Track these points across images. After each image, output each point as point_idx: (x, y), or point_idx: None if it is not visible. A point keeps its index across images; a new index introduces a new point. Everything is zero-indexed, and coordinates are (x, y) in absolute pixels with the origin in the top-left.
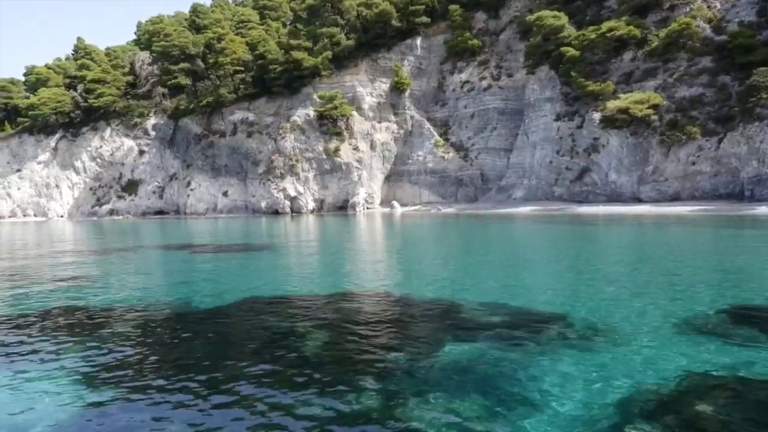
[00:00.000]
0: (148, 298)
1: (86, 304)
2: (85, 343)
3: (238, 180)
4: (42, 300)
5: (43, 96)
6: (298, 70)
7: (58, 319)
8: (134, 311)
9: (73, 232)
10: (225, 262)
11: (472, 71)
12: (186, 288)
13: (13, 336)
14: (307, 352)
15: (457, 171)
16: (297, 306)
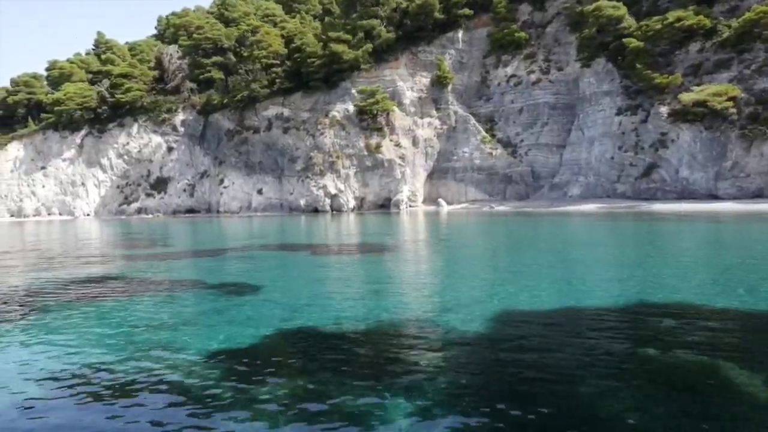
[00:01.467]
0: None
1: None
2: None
3: (273, 177)
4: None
5: (68, 91)
6: (337, 64)
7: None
8: (333, 335)
9: (113, 233)
10: (372, 266)
11: (518, 65)
12: (406, 298)
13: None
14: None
15: (506, 168)
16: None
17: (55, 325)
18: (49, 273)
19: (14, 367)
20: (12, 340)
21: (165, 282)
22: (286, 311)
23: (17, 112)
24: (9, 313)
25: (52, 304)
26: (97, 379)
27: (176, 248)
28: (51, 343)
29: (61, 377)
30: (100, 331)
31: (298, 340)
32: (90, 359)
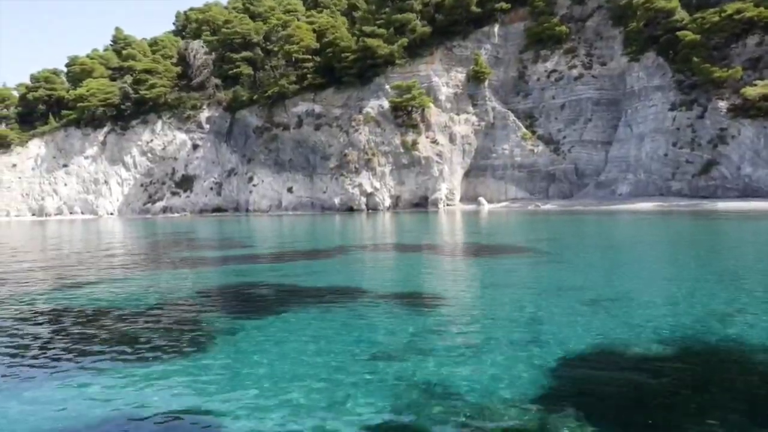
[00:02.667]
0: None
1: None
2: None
3: (304, 175)
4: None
5: (91, 87)
6: (371, 59)
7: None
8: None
9: (168, 234)
10: (552, 271)
11: (558, 60)
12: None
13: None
14: None
15: (548, 165)
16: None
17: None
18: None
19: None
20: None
21: (355, 291)
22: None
23: (37, 109)
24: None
25: (278, 313)
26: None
27: (281, 248)
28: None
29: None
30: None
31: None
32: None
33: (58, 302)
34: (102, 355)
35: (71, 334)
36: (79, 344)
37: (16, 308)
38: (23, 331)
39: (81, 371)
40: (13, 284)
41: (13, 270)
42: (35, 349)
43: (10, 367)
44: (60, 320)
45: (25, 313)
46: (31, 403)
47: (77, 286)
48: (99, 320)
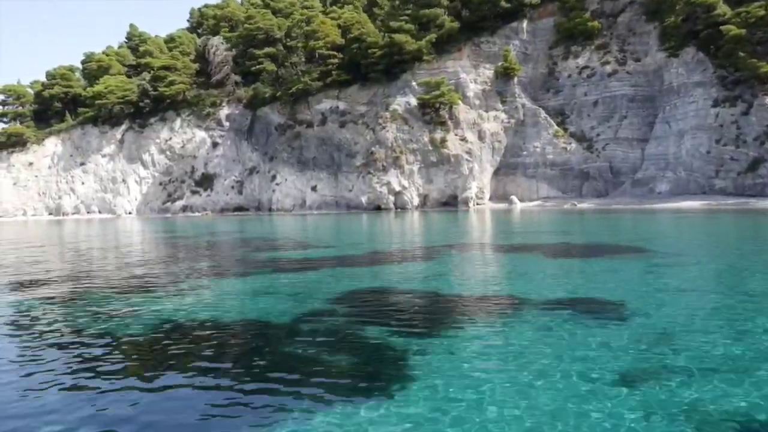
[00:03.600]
0: None
1: None
2: None
3: (328, 174)
4: None
5: (109, 84)
6: (398, 55)
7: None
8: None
9: (211, 233)
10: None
11: (590, 56)
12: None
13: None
14: None
15: (582, 163)
16: None
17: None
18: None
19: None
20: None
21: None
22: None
23: (53, 106)
24: None
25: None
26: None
27: (367, 249)
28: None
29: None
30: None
31: None
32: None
33: (194, 316)
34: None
35: (227, 350)
36: (234, 368)
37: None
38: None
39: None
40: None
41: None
42: (229, 384)
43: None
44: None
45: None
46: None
47: (181, 294)
48: (253, 336)
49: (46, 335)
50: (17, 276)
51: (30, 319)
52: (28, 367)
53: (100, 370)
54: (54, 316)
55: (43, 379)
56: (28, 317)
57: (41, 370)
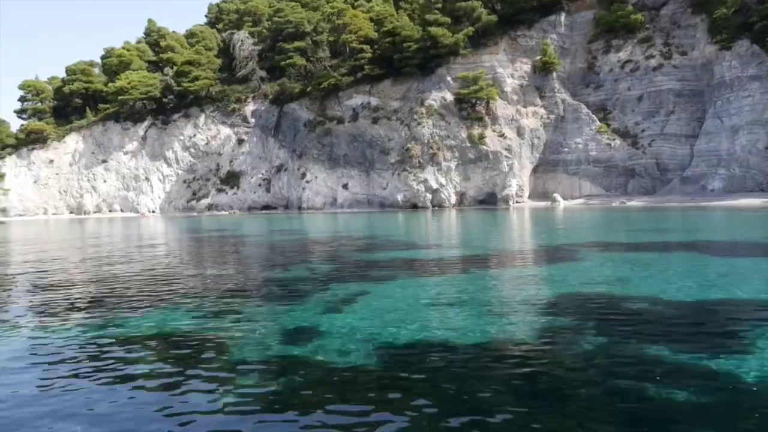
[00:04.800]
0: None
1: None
2: None
3: (360, 171)
4: None
5: (131, 79)
6: (434, 49)
7: None
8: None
9: (274, 234)
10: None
11: (633, 49)
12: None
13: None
14: None
15: (626, 160)
16: None
17: None
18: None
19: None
20: None
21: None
22: None
23: (73, 102)
24: None
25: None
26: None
27: (476, 250)
28: None
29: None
30: None
31: None
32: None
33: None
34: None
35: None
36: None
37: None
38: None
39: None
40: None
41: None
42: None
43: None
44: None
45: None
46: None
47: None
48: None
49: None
50: (46, 279)
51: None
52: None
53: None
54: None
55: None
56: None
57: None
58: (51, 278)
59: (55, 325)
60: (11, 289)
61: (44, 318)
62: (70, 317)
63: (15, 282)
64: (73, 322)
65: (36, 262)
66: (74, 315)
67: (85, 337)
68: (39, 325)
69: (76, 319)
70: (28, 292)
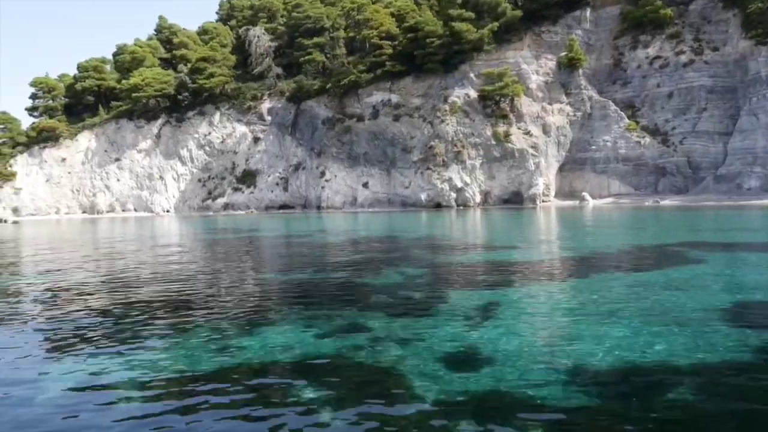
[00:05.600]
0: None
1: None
2: None
3: (381, 170)
4: None
5: (146, 76)
6: (457, 44)
7: None
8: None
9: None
10: None
11: (661, 45)
12: None
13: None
14: None
15: (657, 158)
16: None
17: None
18: None
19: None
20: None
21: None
22: None
23: (85, 100)
24: None
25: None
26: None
27: (567, 251)
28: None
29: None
30: None
31: None
32: None
33: None
34: None
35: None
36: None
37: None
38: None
39: None
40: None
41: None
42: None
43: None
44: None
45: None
46: None
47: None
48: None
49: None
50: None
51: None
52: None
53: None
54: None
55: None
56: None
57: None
58: (101, 301)
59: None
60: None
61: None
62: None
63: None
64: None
65: (73, 272)
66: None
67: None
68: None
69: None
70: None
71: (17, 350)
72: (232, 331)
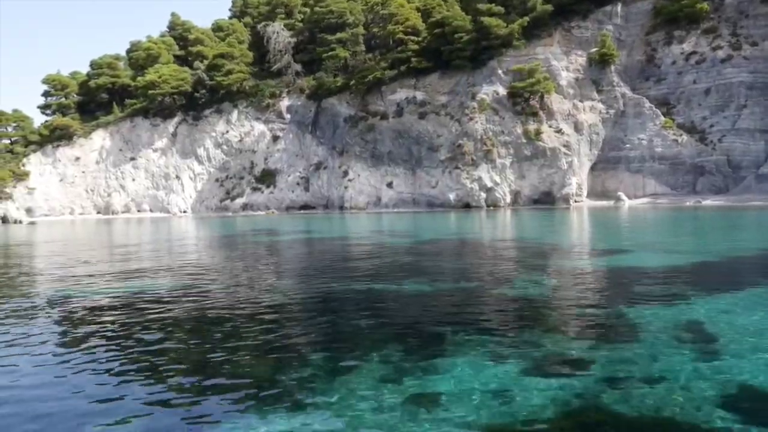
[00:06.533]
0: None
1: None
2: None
3: (405, 169)
4: None
5: (162, 73)
6: (486, 40)
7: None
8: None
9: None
10: None
11: (697, 41)
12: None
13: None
14: None
15: (695, 157)
16: None
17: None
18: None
19: None
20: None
21: None
22: None
23: (99, 97)
24: None
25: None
26: None
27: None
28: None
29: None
30: None
31: None
32: None
33: None
34: None
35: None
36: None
37: None
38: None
39: None
40: None
41: None
42: None
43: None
44: None
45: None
46: None
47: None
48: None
49: None
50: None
51: None
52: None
53: None
54: None
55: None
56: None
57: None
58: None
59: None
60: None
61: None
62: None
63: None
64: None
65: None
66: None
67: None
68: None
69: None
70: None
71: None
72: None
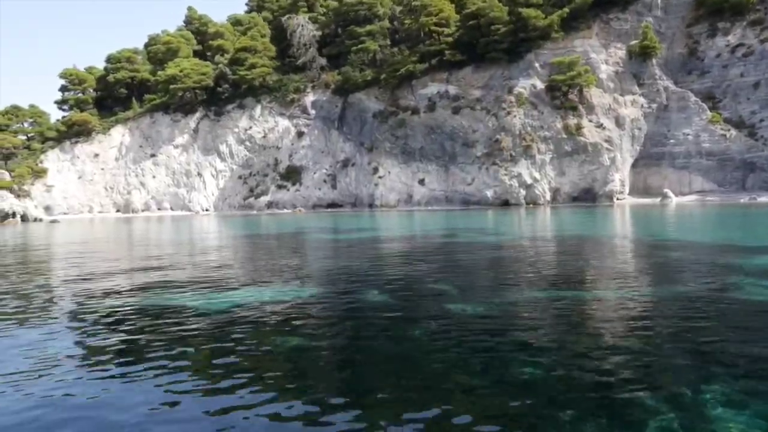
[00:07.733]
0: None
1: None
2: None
3: (438, 165)
4: None
5: (184, 67)
6: (524, 32)
7: None
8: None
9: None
10: None
11: (743, 33)
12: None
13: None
14: None
15: (744, 153)
16: None
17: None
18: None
19: None
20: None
21: None
22: None
23: (117, 92)
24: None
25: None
26: None
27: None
28: None
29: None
30: None
31: None
32: None
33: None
34: None
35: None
36: None
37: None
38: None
39: None
40: None
41: None
42: None
43: None
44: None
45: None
46: None
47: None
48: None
49: None
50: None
51: None
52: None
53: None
54: None
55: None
56: None
57: None
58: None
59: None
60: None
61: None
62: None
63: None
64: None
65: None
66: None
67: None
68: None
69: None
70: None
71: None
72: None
